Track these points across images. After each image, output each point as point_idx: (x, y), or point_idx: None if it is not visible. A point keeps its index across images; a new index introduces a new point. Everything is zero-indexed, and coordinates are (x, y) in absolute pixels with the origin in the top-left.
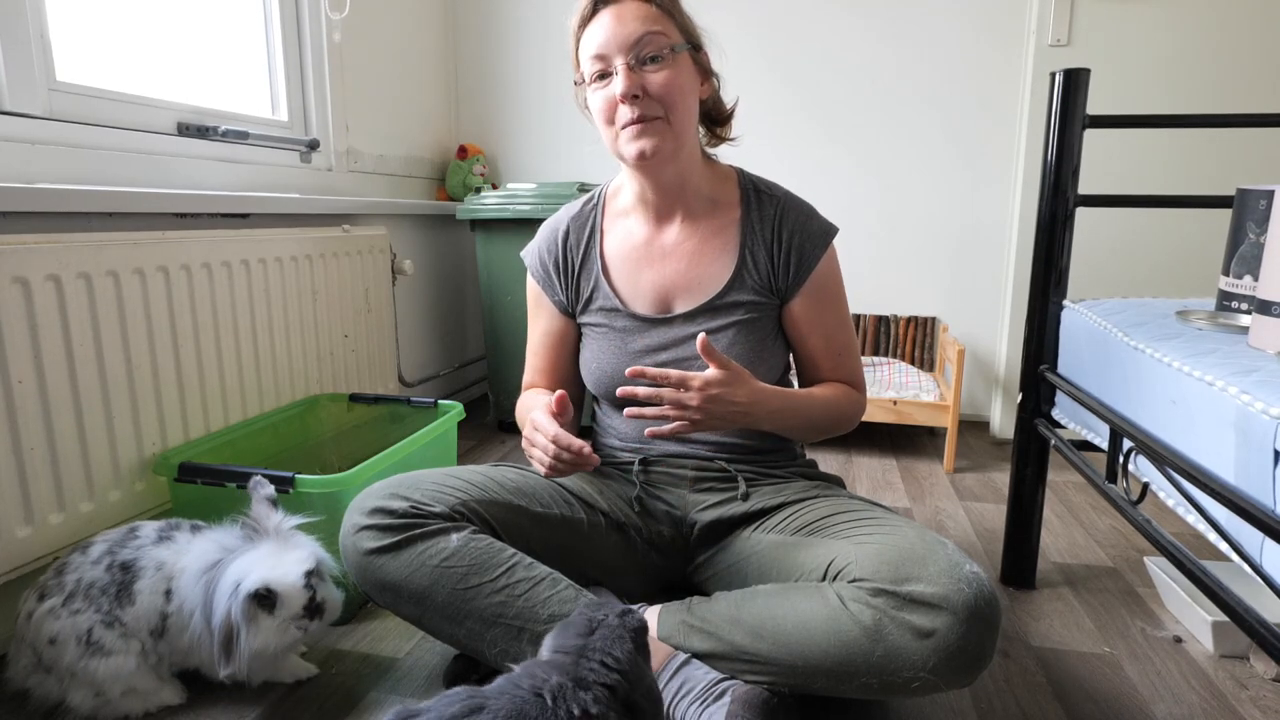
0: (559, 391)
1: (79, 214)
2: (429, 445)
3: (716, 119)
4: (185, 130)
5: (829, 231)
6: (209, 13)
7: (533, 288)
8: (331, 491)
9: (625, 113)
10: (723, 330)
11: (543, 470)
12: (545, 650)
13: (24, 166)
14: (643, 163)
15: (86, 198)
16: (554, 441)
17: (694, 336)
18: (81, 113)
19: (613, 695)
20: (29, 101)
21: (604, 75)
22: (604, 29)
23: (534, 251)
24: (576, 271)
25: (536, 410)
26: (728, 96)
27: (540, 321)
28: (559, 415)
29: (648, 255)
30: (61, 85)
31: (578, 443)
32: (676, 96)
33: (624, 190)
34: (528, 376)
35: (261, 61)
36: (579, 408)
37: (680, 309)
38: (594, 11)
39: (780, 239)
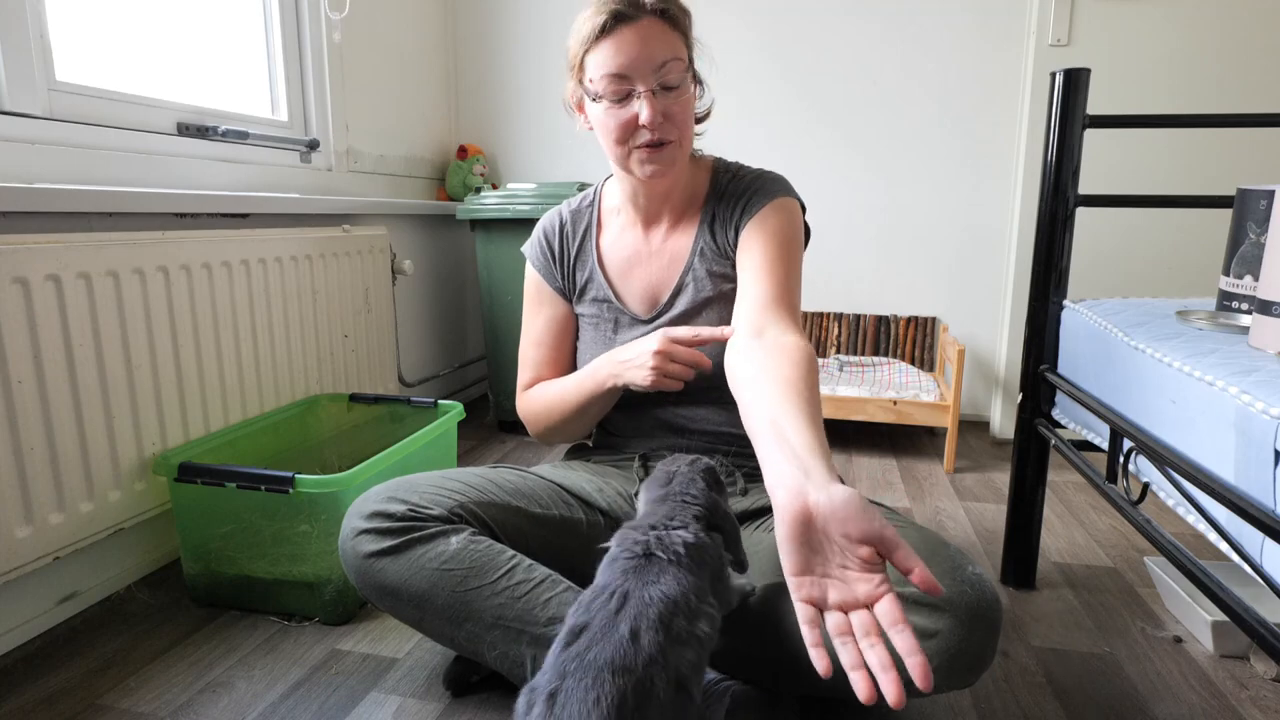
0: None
1: (79, 214)
2: (429, 445)
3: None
4: (185, 130)
5: (786, 189)
6: (209, 13)
7: (533, 278)
8: (331, 491)
9: (645, 137)
10: (698, 310)
11: (682, 379)
12: (640, 503)
13: (24, 166)
14: (653, 181)
15: (86, 198)
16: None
17: (674, 321)
18: (81, 113)
19: (699, 522)
20: (29, 101)
21: (619, 94)
22: (627, 49)
23: (533, 241)
24: (572, 260)
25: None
26: (730, 100)
27: (544, 310)
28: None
29: (635, 259)
30: (61, 85)
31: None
32: (689, 119)
33: (616, 191)
34: (531, 372)
35: (261, 61)
36: None
37: (662, 299)
38: (614, 26)
39: (735, 198)
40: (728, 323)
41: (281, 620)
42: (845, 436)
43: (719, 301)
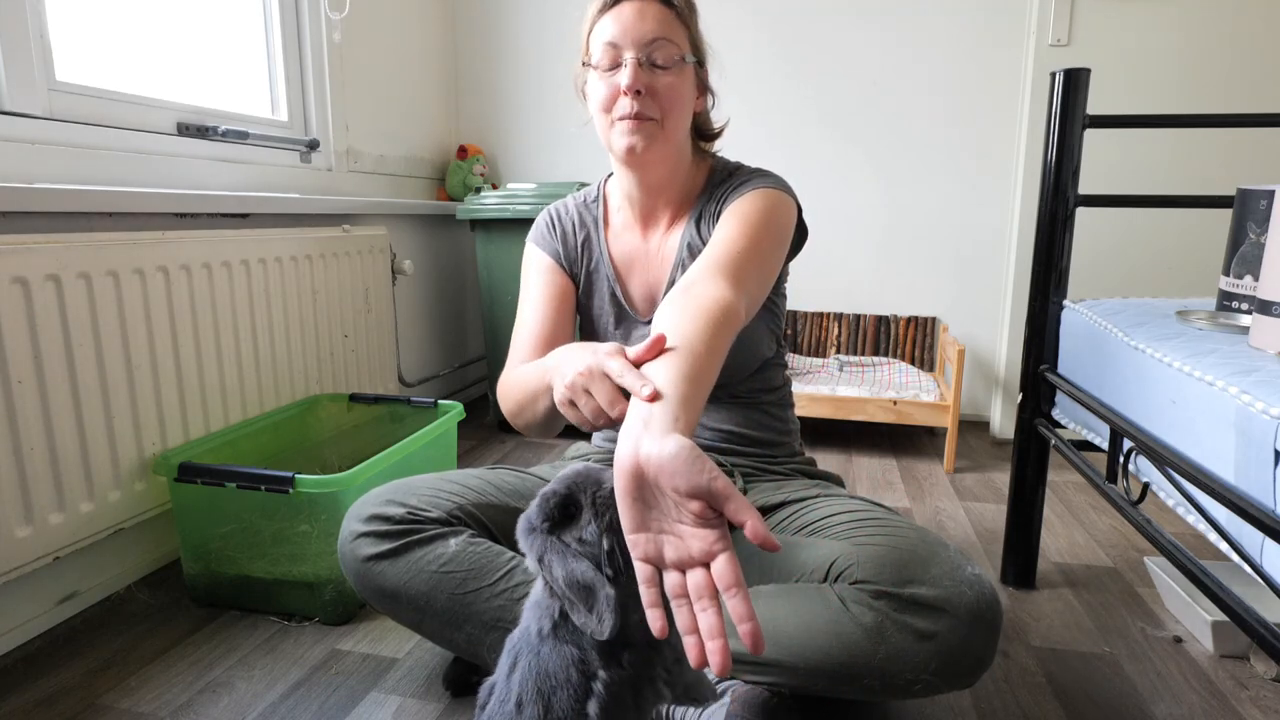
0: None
1: (79, 214)
2: (429, 445)
3: (703, 134)
4: (185, 130)
5: (776, 183)
6: (209, 13)
7: (534, 253)
8: (331, 492)
9: (625, 105)
10: None
11: (592, 423)
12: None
13: (24, 166)
14: (631, 158)
15: (86, 198)
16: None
17: None
18: (81, 113)
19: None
20: (29, 101)
21: (612, 65)
22: (622, 20)
23: (539, 222)
24: (578, 246)
25: (596, 353)
26: (732, 100)
27: (543, 275)
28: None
29: (634, 256)
30: (61, 85)
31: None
32: (676, 104)
33: (617, 188)
34: (521, 354)
35: (261, 61)
36: None
37: (658, 302)
38: (616, 1)
39: (724, 194)
40: None
41: (281, 620)
42: (845, 436)
43: None
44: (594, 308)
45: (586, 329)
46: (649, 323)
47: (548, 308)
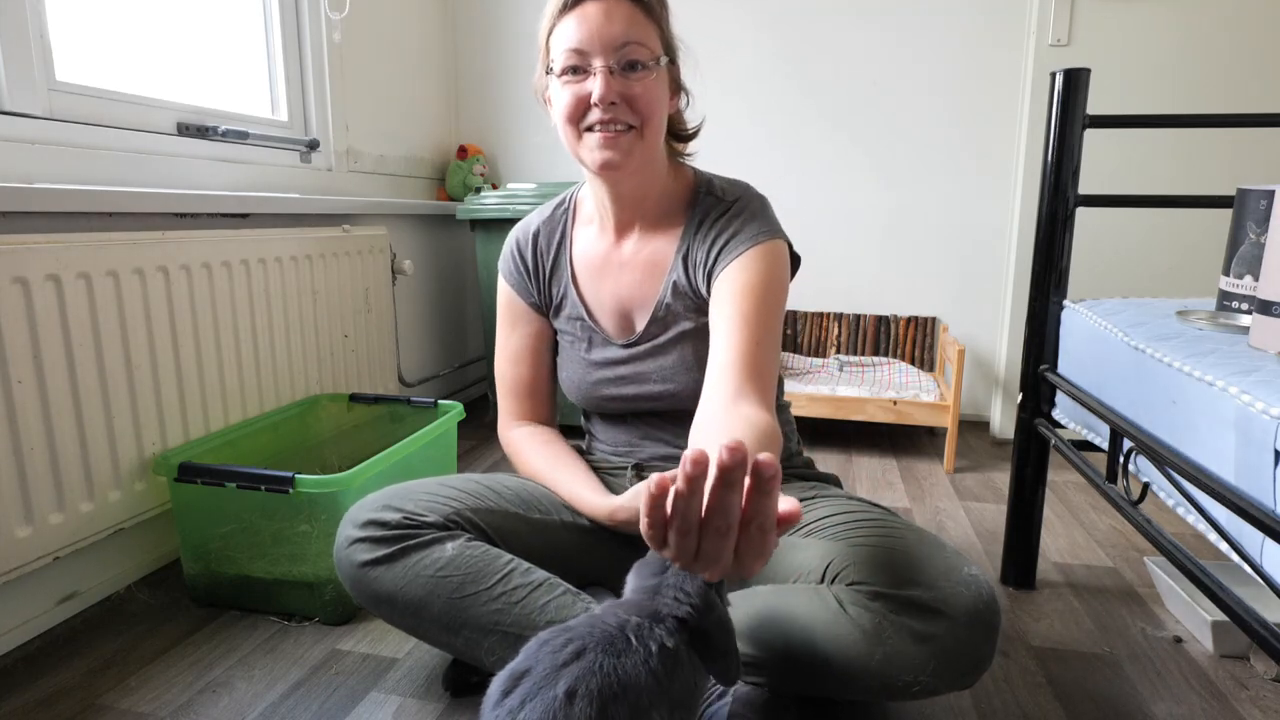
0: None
1: (79, 214)
2: (429, 445)
3: (678, 135)
4: (185, 130)
5: (769, 230)
6: (209, 13)
7: (507, 294)
8: (331, 492)
9: (596, 116)
10: (673, 343)
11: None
12: (626, 588)
13: (24, 166)
14: (606, 172)
15: (86, 198)
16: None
17: (649, 352)
18: (81, 113)
19: (683, 625)
20: (29, 101)
21: (577, 70)
22: (588, 24)
23: (505, 254)
24: (547, 274)
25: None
26: (732, 101)
27: (519, 327)
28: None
29: (605, 267)
30: (61, 85)
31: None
32: (654, 109)
33: (589, 197)
34: (510, 403)
35: (261, 61)
36: (555, 408)
37: (638, 323)
38: (578, 1)
39: (713, 236)
40: (704, 354)
41: (281, 620)
42: (845, 436)
43: (694, 336)
44: (565, 330)
45: (562, 351)
46: (624, 345)
47: (526, 354)
